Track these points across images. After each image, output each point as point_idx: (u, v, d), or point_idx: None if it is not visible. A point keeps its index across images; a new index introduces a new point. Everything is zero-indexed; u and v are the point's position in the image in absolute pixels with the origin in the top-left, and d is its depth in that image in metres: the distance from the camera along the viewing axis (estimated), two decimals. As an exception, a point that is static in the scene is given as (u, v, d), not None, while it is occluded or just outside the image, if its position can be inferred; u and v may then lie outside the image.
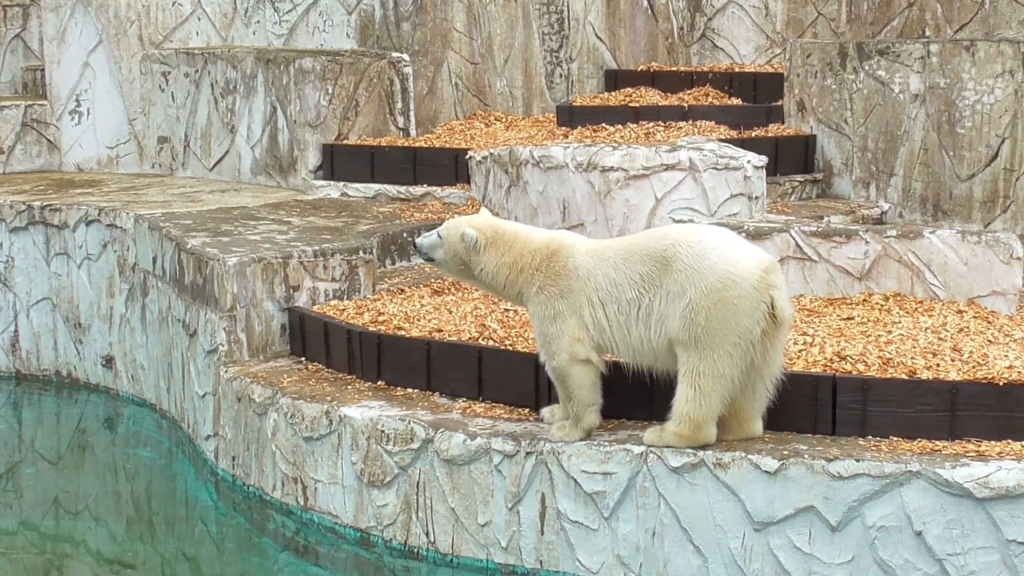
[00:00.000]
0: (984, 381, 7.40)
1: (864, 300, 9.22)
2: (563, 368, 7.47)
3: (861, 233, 9.46)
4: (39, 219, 12.46)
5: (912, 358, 7.80)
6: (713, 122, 12.92)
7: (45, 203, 12.53)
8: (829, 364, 7.81)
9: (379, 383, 8.88)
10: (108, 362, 12.13)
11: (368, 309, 9.58)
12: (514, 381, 8.29)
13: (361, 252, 10.10)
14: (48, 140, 14.80)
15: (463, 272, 7.75)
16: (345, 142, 13.06)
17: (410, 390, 8.74)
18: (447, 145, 13.01)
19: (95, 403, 12.06)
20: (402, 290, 10.13)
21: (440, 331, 8.90)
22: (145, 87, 14.54)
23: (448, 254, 7.69)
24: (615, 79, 14.96)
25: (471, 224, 7.66)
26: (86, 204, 12.34)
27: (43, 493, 10.22)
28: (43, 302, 12.56)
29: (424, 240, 7.79)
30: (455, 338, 8.73)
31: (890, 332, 8.36)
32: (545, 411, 8.03)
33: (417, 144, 13.06)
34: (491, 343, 8.61)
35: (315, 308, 9.78)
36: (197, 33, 14.73)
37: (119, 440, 11.34)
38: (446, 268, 7.85)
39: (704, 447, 7.36)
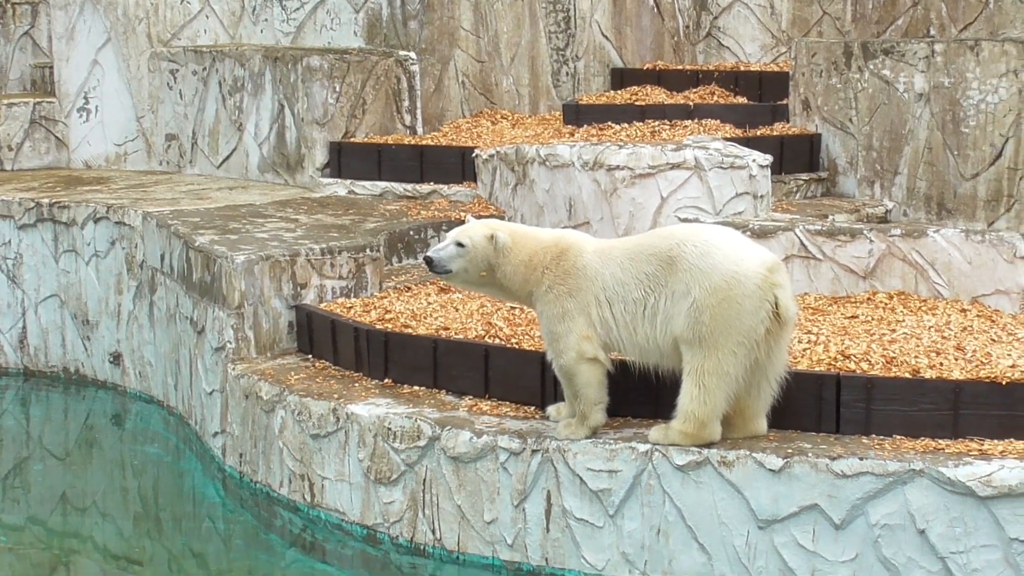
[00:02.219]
0: (987, 380, 7.44)
1: (868, 299, 9.27)
2: (570, 366, 7.51)
3: (865, 232, 9.51)
4: (47, 216, 12.52)
5: (916, 357, 7.84)
6: (718, 121, 12.95)
7: (53, 200, 12.59)
8: (833, 363, 7.84)
9: (386, 381, 8.93)
10: (116, 359, 12.18)
11: (375, 307, 9.62)
12: (520, 379, 8.34)
13: (368, 250, 10.14)
14: (56, 137, 14.87)
15: (482, 279, 7.63)
16: (352, 140, 13.11)
17: (417, 388, 8.79)
18: (454, 143, 13.06)
19: (103, 400, 12.11)
20: (409, 288, 10.17)
21: (446, 329, 8.94)
22: (153, 85, 14.59)
23: (472, 262, 7.56)
24: (621, 77, 15.00)
25: (492, 228, 7.65)
26: (94, 201, 12.39)
27: (51, 489, 10.27)
28: (51, 299, 12.61)
29: (441, 253, 7.58)
30: (461, 336, 8.78)
31: (894, 331, 8.40)
32: (551, 409, 8.07)
33: (424, 142, 13.11)
34: (497, 341, 8.66)
35: (322, 306, 9.83)
36: (205, 31, 14.78)
37: (126, 436, 11.40)
38: (462, 278, 7.68)
39: (709, 445, 7.40)
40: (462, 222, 8.23)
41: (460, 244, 7.59)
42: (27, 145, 14.76)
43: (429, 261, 7.63)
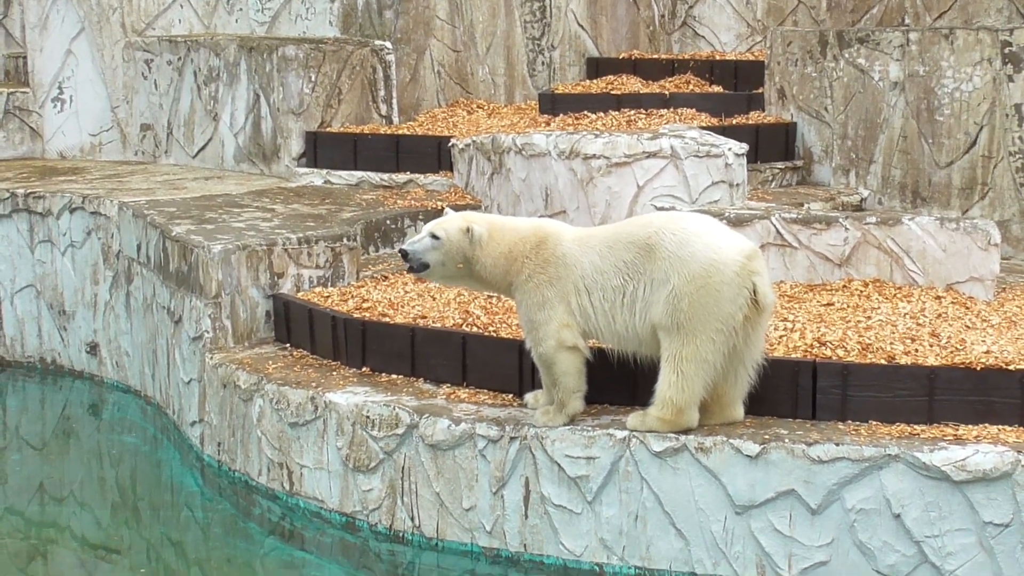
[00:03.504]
0: (962, 366, 7.50)
1: (844, 286, 9.31)
2: (550, 354, 7.53)
3: (841, 220, 9.55)
4: (23, 206, 12.48)
5: (891, 343, 7.89)
6: (694, 110, 12.99)
7: (29, 190, 12.55)
8: (809, 350, 7.89)
9: (364, 369, 8.94)
10: (93, 349, 12.16)
11: (352, 296, 9.63)
12: (498, 367, 8.36)
13: (345, 239, 10.15)
14: (31, 127, 14.81)
15: (459, 272, 7.62)
16: (328, 130, 13.11)
17: (394, 376, 8.80)
18: (430, 132, 13.07)
19: (80, 390, 12.09)
20: (386, 277, 10.19)
21: (424, 317, 8.96)
22: (128, 75, 14.56)
23: (448, 255, 7.55)
24: (596, 67, 15.02)
25: (468, 220, 7.65)
26: (70, 191, 12.37)
27: (28, 479, 10.25)
28: (27, 289, 12.58)
29: (416, 245, 7.56)
30: (439, 324, 8.80)
31: (869, 318, 8.45)
32: (529, 396, 8.09)
33: (400, 132, 13.11)
34: (475, 329, 8.68)
35: (299, 295, 9.83)
36: (180, 21, 14.75)
37: (104, 426, 11.38)
38: (440, 272, 7.65)
39: (686, 432, 7.44)
40: (439, 211, 8.24)
41: (435, 236, 7.57)
42: (1, 135, 14.70)
43: (404, 254, 7.61)
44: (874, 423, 7.49)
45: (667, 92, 13.53)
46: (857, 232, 9.45)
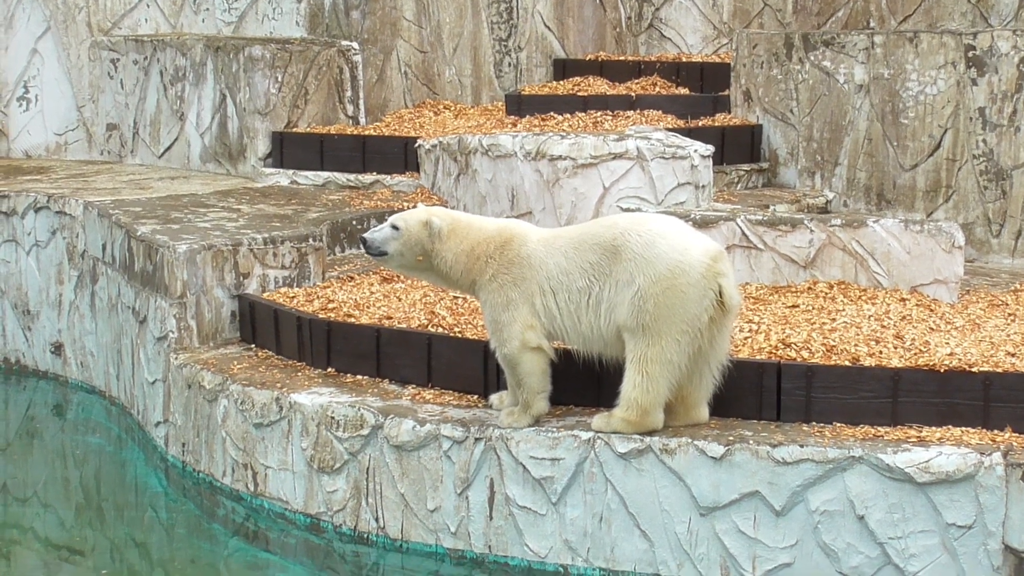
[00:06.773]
0: (925, 368, 7.52)
1: (809, 288, 9.34)
2: (514, 355, 7.53)
3: (806, 222, 9.58)
4: (-13, 206, 12.43)
5: (856, 345, 7.92)
6: (660, 111, 13.02)
7: (-7, 190, 12.49)
8: (774, 351, 7.91)
9: (329, 370, 8.93)
10: (57, 349, 12.11)
11: (318, 296, 9.62)
12: (463, 368, 8.36)
13: (311, 240, 10.13)
14: (-5, 126, 14.76)
15: (419, 264, 7.69)
16: (295, 130, 13.08)
17: (360, 377, 8.79)
18: (396, 133, 13.05)
19: (44, 390, 12.04)
20: (352, 277, 10.17)
21: (389, 318, 8.95)
22: (94, 74, 14.50)
23: (406, 246, 7.62)
24: (563, 68, 15.04)
25: (430, 214, 7.69)
26: (35, 191, 12.30)
27: (-9, 480, 10.22)
28: (-9, 289, 12.53)
29: (376, 234, 7.67)
30: (404, 325, 8.79)
31: (834, 320, 8.48)
32: (494, 397, 8.09)
33: (366, 132, 13.10)
34: (440, 330, 8.67)
35: (265, 295, 9.81)
36: (146, 20, 14.70)
37: (68, 427, 11.32)
38: (398, 261, 7.74)
39: (651, 433, 7.45)
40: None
41: (395, 227, 7.65)
42: (-35, 134, 14.65)
43: (364, 241, 7.72)
44: (838, 425, 7.51)
45: (633, 94, 13.56)
46: (822, 234, 9.48)
